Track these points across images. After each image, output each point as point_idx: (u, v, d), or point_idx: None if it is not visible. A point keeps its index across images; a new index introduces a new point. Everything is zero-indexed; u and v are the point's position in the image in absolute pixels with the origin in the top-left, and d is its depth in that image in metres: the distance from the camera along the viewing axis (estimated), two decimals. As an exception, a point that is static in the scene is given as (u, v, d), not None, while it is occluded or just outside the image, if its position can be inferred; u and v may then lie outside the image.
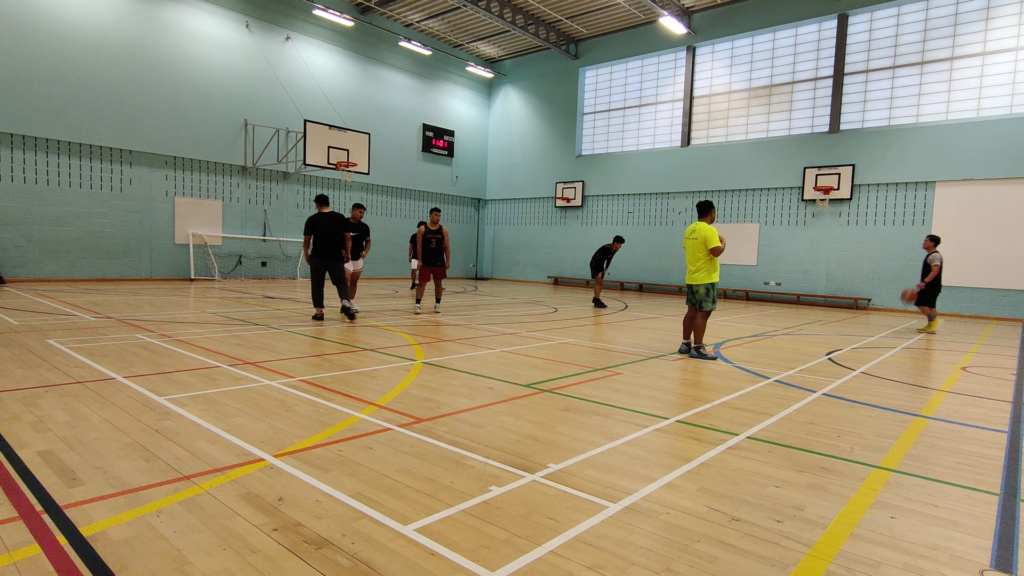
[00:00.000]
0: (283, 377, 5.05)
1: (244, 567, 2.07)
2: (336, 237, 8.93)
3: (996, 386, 5.96)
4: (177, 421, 3.70)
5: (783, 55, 17.62)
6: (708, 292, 6.95)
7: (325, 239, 8.84)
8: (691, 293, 7.06)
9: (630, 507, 2.68)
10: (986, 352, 8.45)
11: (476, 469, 3.08)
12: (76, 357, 5.54)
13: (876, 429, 4.16)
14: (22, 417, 3.69)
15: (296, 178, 18.86)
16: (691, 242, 6.97)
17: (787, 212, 17.47)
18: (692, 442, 3.68)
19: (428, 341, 7.36)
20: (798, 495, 2.91)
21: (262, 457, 3.13)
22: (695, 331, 7.06)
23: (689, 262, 7.05)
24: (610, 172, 21.33)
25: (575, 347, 7.38)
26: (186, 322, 8.32)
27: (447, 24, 20.98)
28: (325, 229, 8.83)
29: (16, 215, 13.61)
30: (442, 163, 23.46)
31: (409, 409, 4.19)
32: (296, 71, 18.46)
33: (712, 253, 6.84)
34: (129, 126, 15.11)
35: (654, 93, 20.45)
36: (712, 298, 6.98)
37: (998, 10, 14.23)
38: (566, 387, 5.11)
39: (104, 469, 2.89)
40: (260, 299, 12.01)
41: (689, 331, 7.16)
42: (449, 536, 2.34)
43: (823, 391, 5.33)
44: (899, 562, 2.29)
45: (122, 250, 15.28)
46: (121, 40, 14.86)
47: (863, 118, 16.27)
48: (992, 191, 14.27)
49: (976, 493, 3.05)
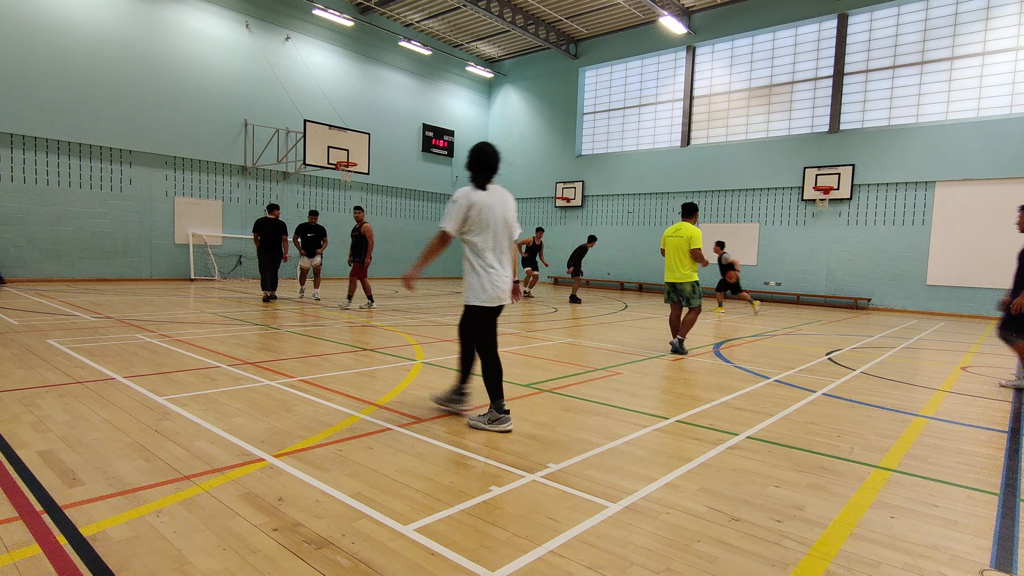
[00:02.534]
0: (283, 377, 5.05)
1: (244, 567, 2.07)
2: (276, 238, 11.47)
3: (996, 386, 5.96)
4: (177, 421, 3.70)
5: (783, 55, 17.62)
6: (694, 289, 7.07)
7: (269, 239, 11.40)
8: (675, 291, 7.15)
9: (630, 507, 2.68)
10: (986, 352, 8.45)
11: (476, 469, 3.08)
12: (76, 357, 5.54)
13: (876, 429, 4.16)
14: (22, 417, 3.69)
15: (296, 178, 18.86)
16: (676, 240, 7.05)
17: (787, 212, 17.47)
18: (692, 442, 3.68)
19: (428, 341, 7.36)
20: (798, 495, 2.91)
21: (262, 457, 3.13)
22: (686, 326, 7.15)
23: (672, 260, 7.13)
24: (610, 172, 21.33)
25: (575, 347, 7.38)
26: (186, 322, 8.32)
27: (447, 24, 20.98)
28: (268, 231, 11.39)
29: (16, 215, 13.61)
30: (442, 163, 23.46)
31: (409, 409, 4.19)
32: (296, 71, 18.46)
33: (695, 255, 6.96)
34: (129, 126, 15.11)
35: (654, 93, 20.45)
36: (698, 294, 7.10)
37: (998, 10, 14.23)
38: (566, 387, 5.11)
39: (104, 469, 2.90)
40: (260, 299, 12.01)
41: (677, 328, 7.23)
42: (449, 536, 2.34)
43: (823, 391, 5.33)
44: (899, 562, 2.29)
45: (122, 250, 15.28)
46: (121, 40, 14.86)
47: (863, 118, 16.27)
48: (992, 191, 14.27)
49: (976, 493, 3.05)
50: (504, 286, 3.87)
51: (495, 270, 3.82)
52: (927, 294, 15.17)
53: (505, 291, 3.89)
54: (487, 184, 3.89)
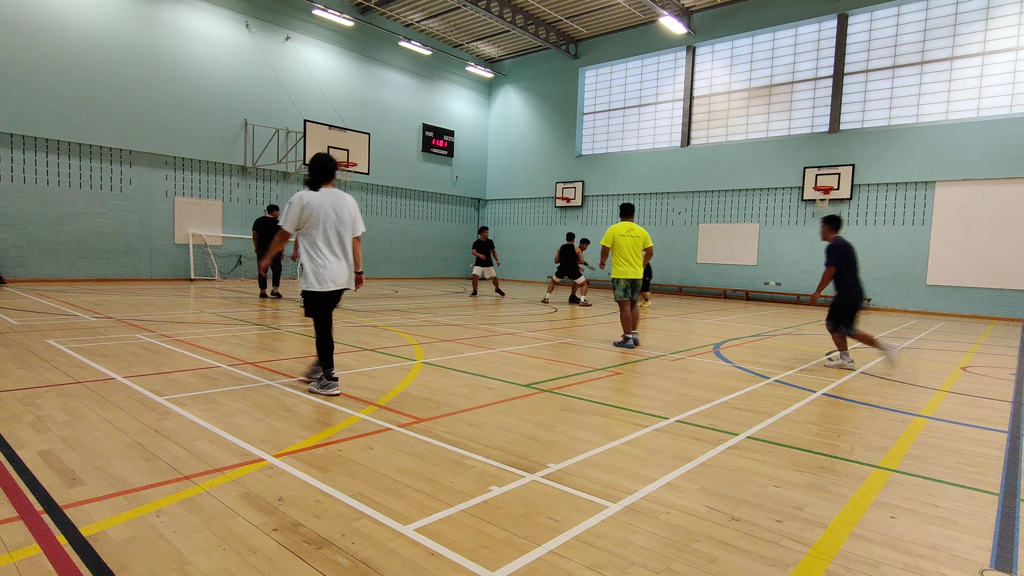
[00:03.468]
0: (283, 377, 5.05)
1: (244, 567, 2.07)
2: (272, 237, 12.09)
3: (996, 386, 5.97)
4: (177, 421, 3.70)
5: (783, 55, 17.62)
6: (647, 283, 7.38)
7: (266, 238, 11.79)
8: (633, 288, 7.55)
9: (630, 507, 2.68)
10: (986, 352, 8.45)
11: (476, 469, 3.08)
12: (76, 357, 5.54)
13: (876, 429, 4.16)
14: (22, 417, 3.69)
15: (296, 178, 18.85)
16: (633, 239, 7.48)
17: (787, 212, 17.47)
18: (692, 442, 3.68)
19: (428, 341, 7.36)
20: (798, 495, 2.91)
21: (262, 457, 3.13)
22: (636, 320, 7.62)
23: (632, 257, 7.48)
24: (610, 172, 21.33)
25: (575, 347, 7.38)
26: (186, 322, 8.32)
27: (447, 24, 20.98)
28: (265, 231, 11.87)
29: (16, 215, 13.61)
30: (442, 163, 23.45)
31: (409, 409, 4.19)
32: (296, 71, 18.46)
33: (650, 252, 7.61)
34: (129, 126, 15.11)
35: (654, 93, 20.45)
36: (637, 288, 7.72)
37: (998, 10, 14.23)
38: (566, 387, 5.11)
39: (104, 469, 2.90)
40: (260, 299, 12.01)
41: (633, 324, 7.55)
42: (449, 536, 2.34)
43: (823, 391, 5.33)
44: (899, 562, 2.29)
45: (122, 250, 15.28)
46: (121, 40, 14.85)
47: (863, 118, 16.27)
48: (992, 191, 14.27)
49: (976, 493, 3.05)
50: (336, 275, 4.51)
51: (327, 261, 4.48)
52: (927, 294, 15.17)
53: (338, 279, 4.53)
54: (321, 187, 4.56)
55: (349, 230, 4.61)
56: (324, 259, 4.46)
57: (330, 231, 4.48)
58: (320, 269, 4.45)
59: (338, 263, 4.53)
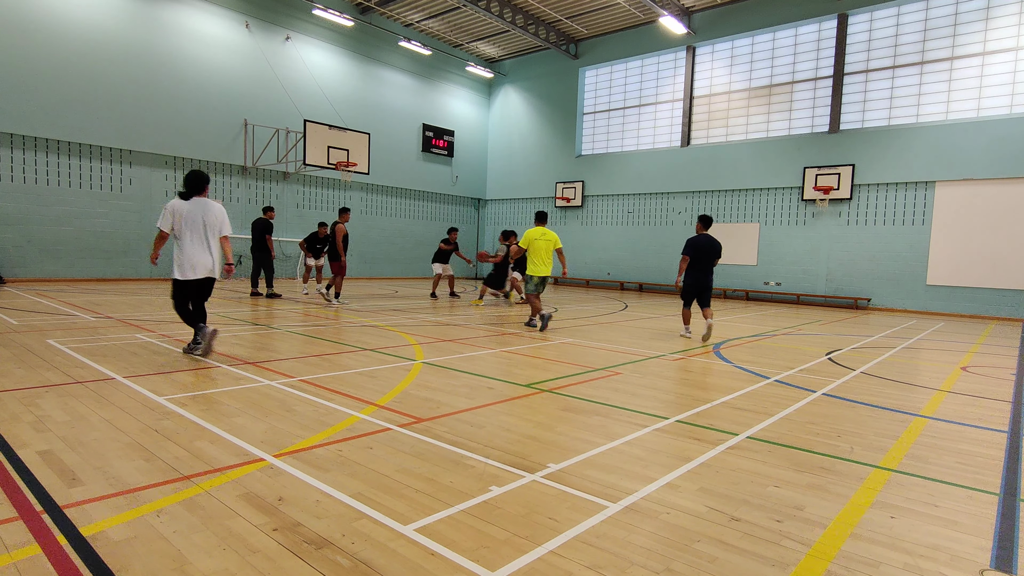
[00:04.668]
0: (283, 377, 5.05)
1: (244, 567, 2.07)
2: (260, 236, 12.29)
3: (996, 386, 5.97)
4: (177, 421, 3.70)
5: (783, 55, 17.62)
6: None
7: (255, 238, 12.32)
8: (543, 283, 9.05)
9: (630, 507, 2.68)
10: (986, 352, 8.45)
11: (476, 469, 3.08)
12: (76, 357, 5.55)
13: (876, 429, 4.16)
14: (22, 417, 3.69)
15: (296, 178, 18.86)
16: (546, 242, 8.84)
17: (787, 212, 17.47)
18: (692, 442, 3.68)
19: (428, 341, 7.36)
20: (798, 495, 2.91)
21: (262, 457, 3.13)
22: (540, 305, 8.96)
23: (546, 257, 8.88)
24: (610, 172, 21.33)
25: (575, 347, 7.38)
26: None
27: (447, 24, 20.98)
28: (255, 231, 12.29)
29: (16, 215, 13.61)
30: (442, 163, 23.46)
31: (409, 409, 4.19)
32: (296, 71, 18.46)
33: (560, 253, 8.97)
34: (129, 126, 15.11)
35: (654, 93, 20.45)
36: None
37: (998, 10, 14.23)
38: (566, 387, 5.11)
39: (104, 469, 2.89)
40: (259, 299, 12.01)
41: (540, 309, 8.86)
42: (449, 536, 2.34)
43: (823, 391, 5.33)
44: (899, 562, 2.29)
45: (122, 250, 15.28)
46: (121, 40, 14.86)
47: (863, 118, 16.27)
48: (992, 191, 14.28)
49: (976, 493, 3.05)
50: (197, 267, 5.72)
51: (190, 256, 5.68)
52: (927, 294, 15.17)
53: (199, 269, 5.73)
54: (192, 197, 5.74)
55: (215, 232, 5.81)
56: (189, 254, 5.66)
57: (196, 232, 5.68)
58: (184, 262, 5.66)
59: (201, 257, 5.71)
